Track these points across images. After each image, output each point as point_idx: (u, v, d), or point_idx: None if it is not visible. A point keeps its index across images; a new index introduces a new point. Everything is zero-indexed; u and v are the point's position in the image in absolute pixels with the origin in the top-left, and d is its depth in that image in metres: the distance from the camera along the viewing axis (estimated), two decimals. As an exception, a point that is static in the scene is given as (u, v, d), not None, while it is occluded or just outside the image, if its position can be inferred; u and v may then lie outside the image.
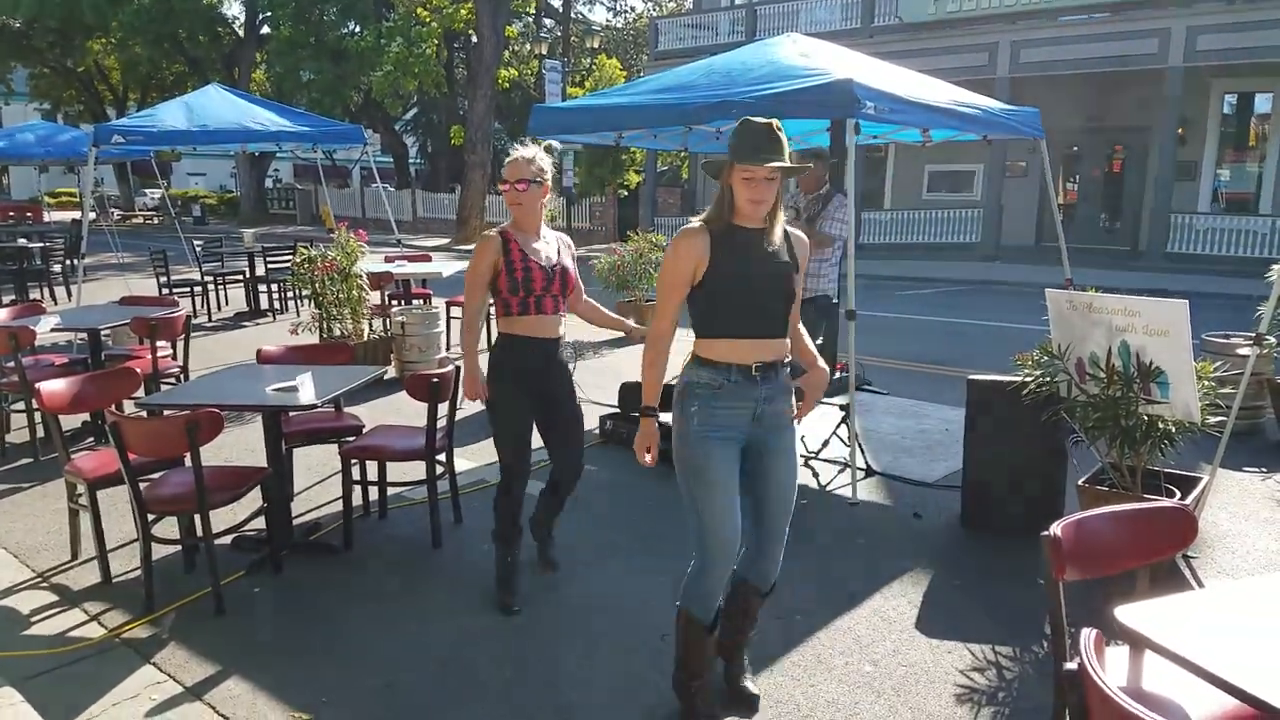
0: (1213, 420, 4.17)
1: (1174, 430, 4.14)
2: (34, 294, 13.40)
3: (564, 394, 4.15)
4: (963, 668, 3.49)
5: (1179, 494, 4.27)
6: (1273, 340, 6.24)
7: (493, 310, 4.10)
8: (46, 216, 26.98)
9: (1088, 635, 1.86)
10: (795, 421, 3.05)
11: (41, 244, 14.54)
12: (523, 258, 3.90)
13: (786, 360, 3.02)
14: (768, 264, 2.91)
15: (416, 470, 4.81)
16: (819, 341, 7.00)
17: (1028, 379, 4.51)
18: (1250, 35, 16.04)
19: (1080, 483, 4.47)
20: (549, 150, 4.09)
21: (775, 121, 2.87)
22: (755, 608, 3.24)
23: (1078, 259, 8.92)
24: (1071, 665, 1.87)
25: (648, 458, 3.05)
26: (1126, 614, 2.06)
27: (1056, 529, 2.36)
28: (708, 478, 2.93)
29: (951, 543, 4.74)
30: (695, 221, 2.96)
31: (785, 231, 3.02)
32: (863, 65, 6.02)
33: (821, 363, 3.13)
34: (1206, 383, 4.18)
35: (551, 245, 4.06)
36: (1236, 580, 4.18)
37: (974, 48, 19.27)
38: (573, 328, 4.49)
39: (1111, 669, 2.12)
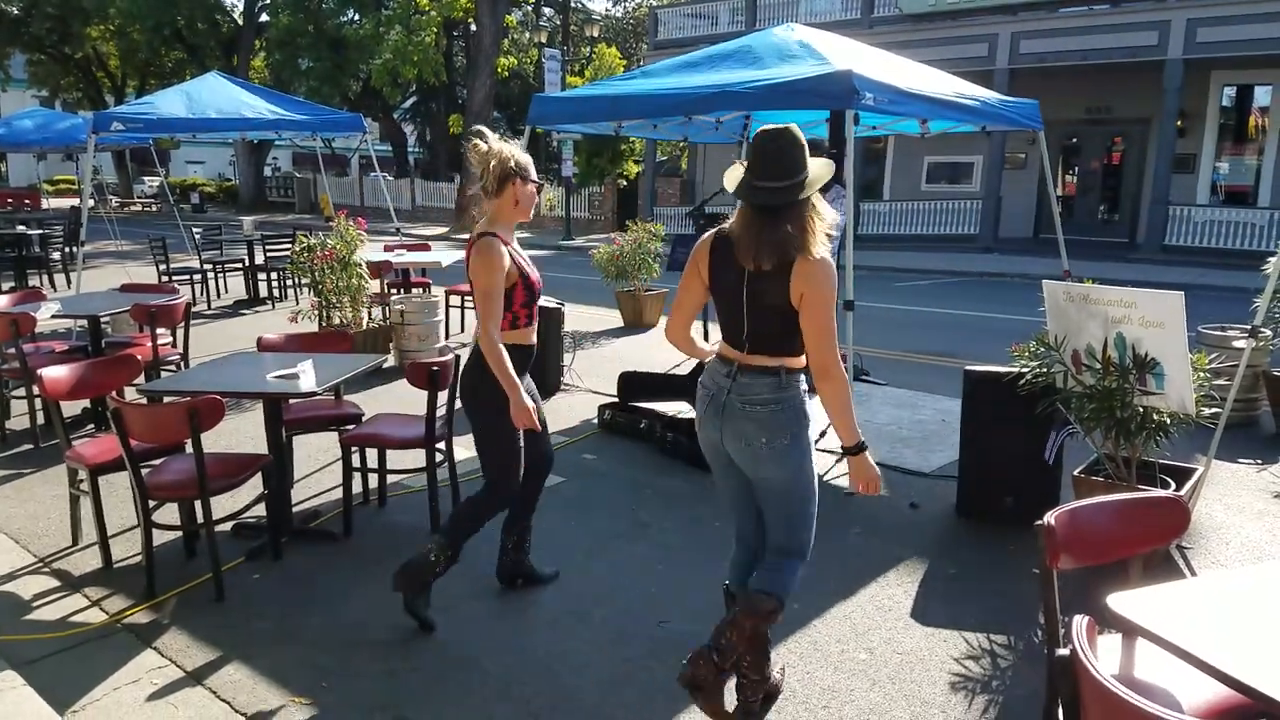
0: (1207, 412, 4.20)
1: (1169, 422, 4.17)
2: (33, 281, 13.40)
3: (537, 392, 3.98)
4: (957, 655, 3.52)
5: (1174, 485, 4.30)
6: (1268, 333, 6.27)
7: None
8: (45, 204, 26.93)
9: (1080, 622, 1.88)
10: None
11: (40, 231, 14.53)
12: (520, 264, 3.72)
13: None
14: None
15: (416, 458, 4.83)
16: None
17: (1024, 370, 4.53)
18: (1250, 28, 16.03)
19: (1076, 473, 4.51)
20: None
21: (788, 133, 2.78)
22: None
23: (1076, 251, 8.95)
24: (1064, 652, 1.89)
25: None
26: (1119, 602, 2.08)
27: (1051, 518, 2.39)
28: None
29: (947, 532, 4.77)
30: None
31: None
32: (862, 56, 6.02)
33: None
34: (1202, 374, 4.21)
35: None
36: (1229, 570, 4.21)
37: (974, 39, 19.24)
38: (571, 318, 4.50)
39: (1104, 656, 2.15)
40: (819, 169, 2.81)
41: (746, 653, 2.92)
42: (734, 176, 2.88)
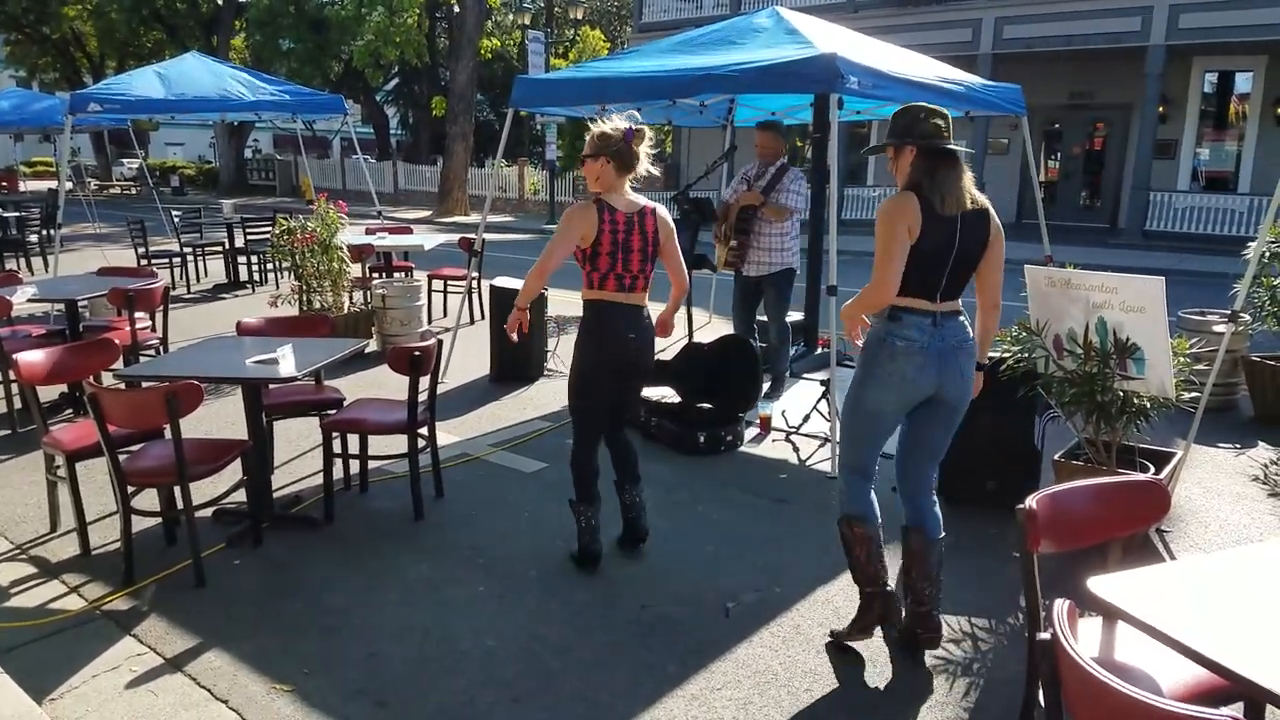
0: (1187, 396, 4.22)
1: (1149, 406, 4.19)
2: (10, 264, 13.23)
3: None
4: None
5: (1153, 469, 4.33)
6: (1247, 318, 6.32)
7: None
8: (22, 186, 26.62)
9: (1061, 606, 1.89)
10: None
11: (17, 214, 14.35)
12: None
13: None
14: None
15: (397, 444, 4.80)
16: (800, 318, 7.05)
17: (1006, 355, 4.55)
18: (1231, 14, 16.09)
19: (1056, 457, 4.53)
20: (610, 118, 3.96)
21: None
22: None
23: (1058, 236, 8.98)
24: (1045, 635, 1.90)
25: None
26: (1099, 585, 2.09)
27: (1032, 502, 2.39)
28: None
29: (929, 516, 4.78)
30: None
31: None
32: (847, 40, 6.01)
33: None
34: (1182, 359, 4.23)
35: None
36: (1208, 553, 4.25)
37: (958, 24, 19.24)
38: (554, 303, 4.48)
39: (1084, 639, 2.16)
40: None
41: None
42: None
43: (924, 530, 3.41)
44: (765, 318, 6.60)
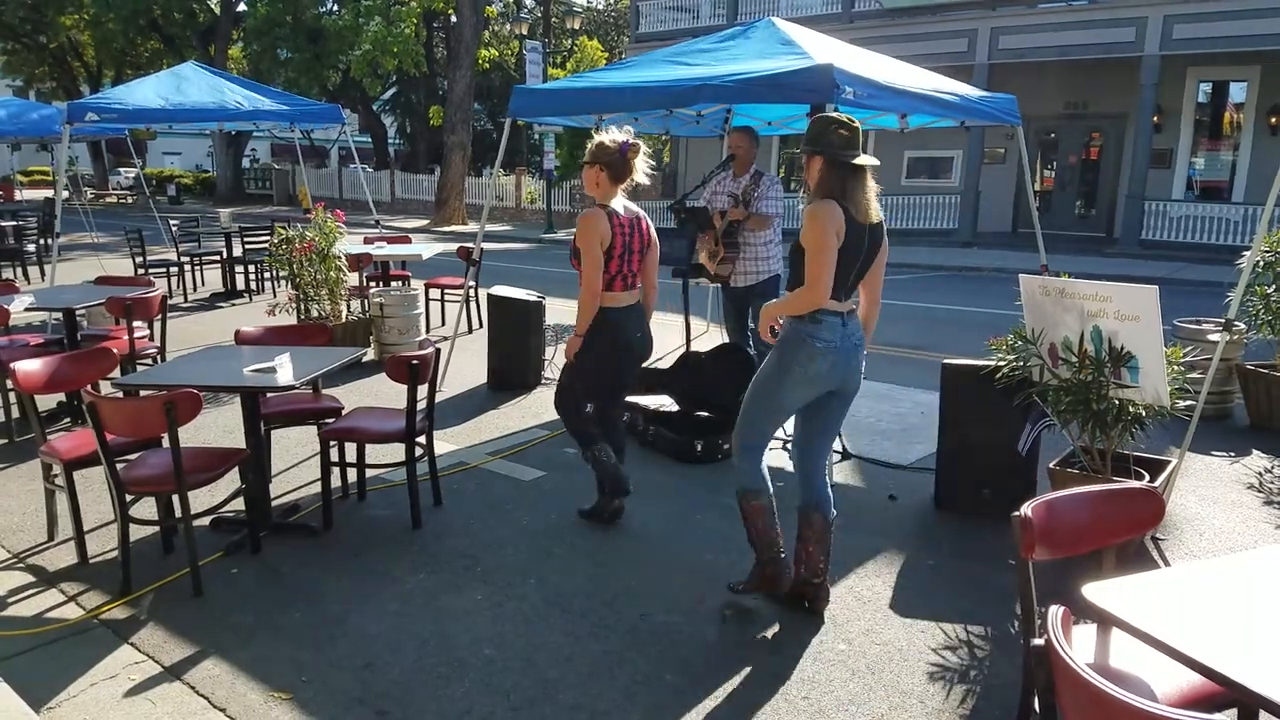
0: (1182, 404, 4.24)
1: (1144, 414, 4.21)
2: (7, 273, 13.24)
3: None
4: (935, 646, 3.55)
5: (1148, 477, 4.35)
6: (1242, 326, 6.36)
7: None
8: (19, 195, 26.60)
9: (1055, 613, 1.90)
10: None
11: (14, 223, 14.35)
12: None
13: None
14: None
15: (395, 453, 4.81)
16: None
17: (1001, 363, 4.57)
18: (1224, 24, 16.18)
19: (1052, 465, 4.54)
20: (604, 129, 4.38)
21: None
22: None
23: (1053, 245, 9.01)
24: (1040, 642, 1.91)
25: None
26: (1094, 592, 2.11)
27: (1027, 509, 2.41)
28: None
29: (925, 524, 4.80)
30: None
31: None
32: (842, 50, 6.04)
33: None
34: (1176, 367, 4.25)
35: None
36: (1202, 560, 4.26)
37: (953, 34, 19.32)
38: (553, 312, 4.52)
39: (1079, 646, 2.17)
40: None
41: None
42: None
43: (822, 511, 3.72)
44: (755, 325, 6.60)
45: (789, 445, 5.88)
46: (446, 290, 10.35)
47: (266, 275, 12.54)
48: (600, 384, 4.48)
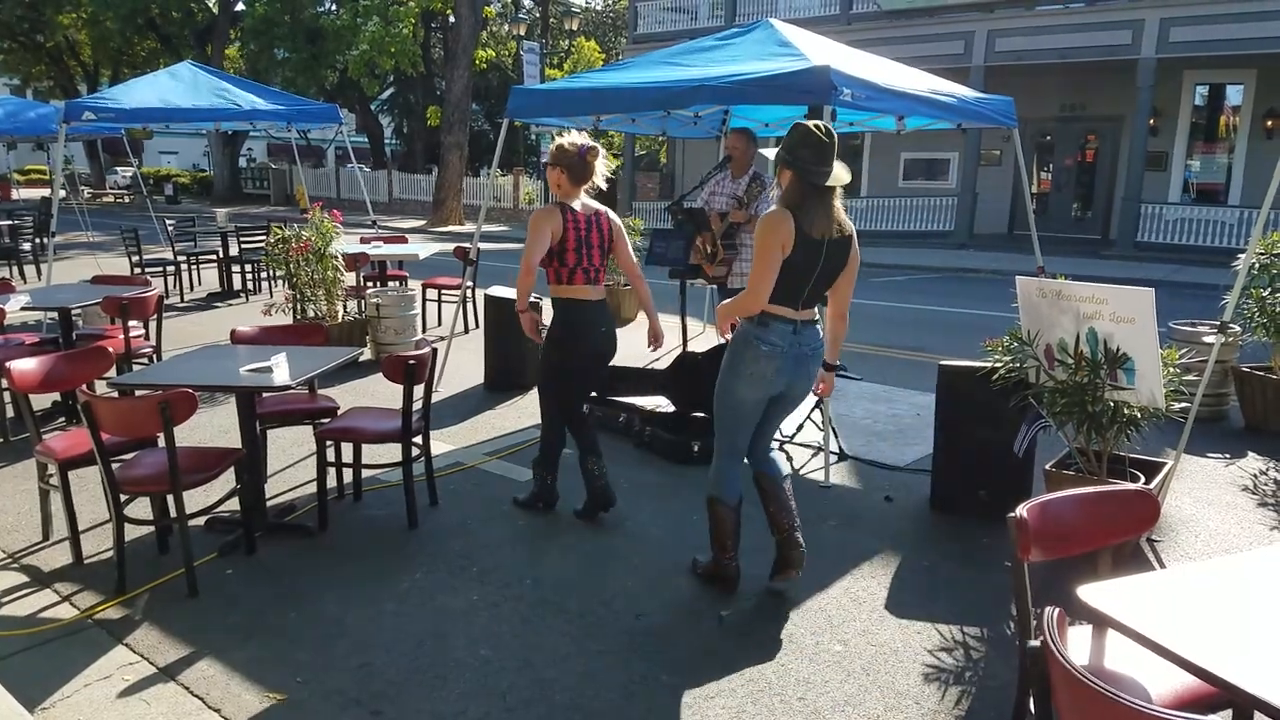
0: (1177, 406, 4.24)
1: (1139, 416, 4.21)
2: (3, 272, 13.20)
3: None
4: (931, 647, 3.55)
5: (1143, 478, 4.35)
6: (1237, 329, 6.37)
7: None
8: (15, 194, 26.57)
9: (1051, 614, 1.90)
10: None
11: (10, 222, 14.33)
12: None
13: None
14: None
15: (391, 453, 4.81)
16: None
17: (997, 365, 4.57)
18: (1221, 28, 16.21)
19: (1047, 467, 4.55)
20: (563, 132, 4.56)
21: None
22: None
23: (1050, 248, 9.03)
24: (1035, 643, 1.91)
25: None
26: (1089, 593, 2.11)
27: (1023, 511, 2.41)
28: None
29: (921, 525, 4.81)
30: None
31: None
32: (840, 52, 6.05)
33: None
34: (1172, 369, 4.26)
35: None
36: (1197, 562, 4.27)
37: (950, 36, 19.34)
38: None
39: (1074, 647, 2.17)
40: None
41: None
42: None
43: (768, 473, 3.93)
44: None
45: (785, 447, 5.92)
46: (443, 290, 10.35)
47: (263, 275, 12.53)
48: (563, 377, 4.60)
